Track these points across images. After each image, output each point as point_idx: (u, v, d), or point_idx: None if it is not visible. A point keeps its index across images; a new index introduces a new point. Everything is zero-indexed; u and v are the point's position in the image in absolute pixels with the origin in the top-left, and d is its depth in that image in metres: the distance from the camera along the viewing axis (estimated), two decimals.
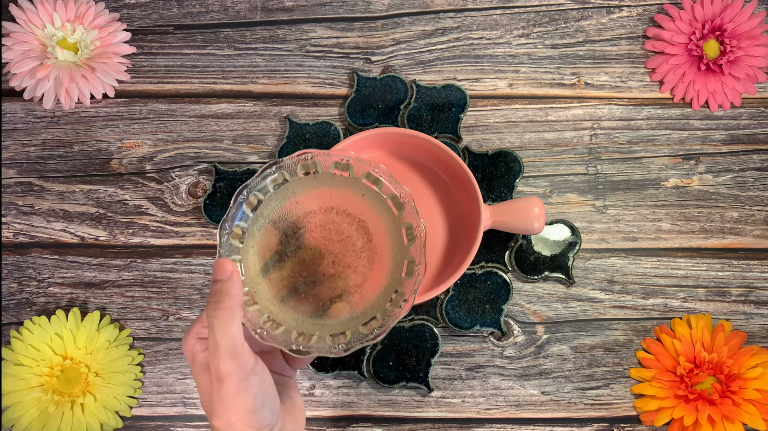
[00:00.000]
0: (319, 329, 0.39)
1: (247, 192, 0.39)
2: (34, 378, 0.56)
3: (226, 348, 0.34)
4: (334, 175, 0.39)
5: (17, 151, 0.60)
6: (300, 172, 0.39)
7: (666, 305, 0.58)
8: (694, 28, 0.60)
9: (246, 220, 0.39)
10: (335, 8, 0.62)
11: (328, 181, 0.40)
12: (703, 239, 0.59)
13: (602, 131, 0.60)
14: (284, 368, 0.42)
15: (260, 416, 0.35)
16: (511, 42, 0.61)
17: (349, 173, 0.39)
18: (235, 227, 0.38)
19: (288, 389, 0.41)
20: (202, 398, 0.37)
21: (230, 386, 0.34)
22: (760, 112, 0.61)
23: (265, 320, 0.38)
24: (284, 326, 0.38)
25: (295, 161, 0.39)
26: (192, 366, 0.37)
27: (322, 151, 0.39)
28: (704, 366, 0.55)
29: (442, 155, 0.54)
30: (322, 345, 0.38)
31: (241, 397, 0.35)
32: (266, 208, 0.39)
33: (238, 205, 0.39)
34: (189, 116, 0.60)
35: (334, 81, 0.61)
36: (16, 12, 0.58)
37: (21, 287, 0.59)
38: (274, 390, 0.37)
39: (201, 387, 0.37)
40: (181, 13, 0.62)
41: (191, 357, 0.37)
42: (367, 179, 0.39)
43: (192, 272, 0.59)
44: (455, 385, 0.57)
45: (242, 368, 0.34)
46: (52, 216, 0.59)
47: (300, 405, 0.41)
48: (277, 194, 0.39)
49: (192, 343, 0.37)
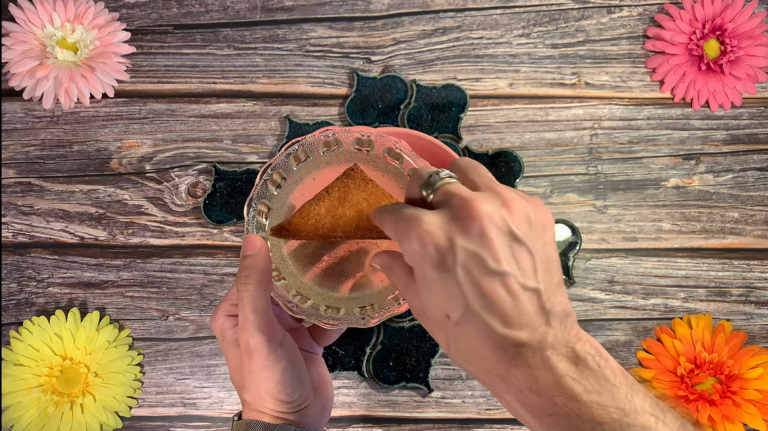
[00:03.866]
0: (345, 303, 0.40)
1: (271, 170, 0.39)
2: (34, 379, 0.55)
3: (255, 321, 0.35)
4: (356, 151, 0.40)
5: (17, 151, 0.60)
6: (321, 149, 0.39)
7: (666, 305, 0.58)
8: (695, 28, 0.60)
9: (271, 198, 0.39)
10: (335, 8, 0.62)
11: (349, 157, 0.40)
12: (704, 239, 0.59)
13: (603, 131, 0.60)
14: (311, 345, 0.43)
15: (289, 389, 0.36)
16: (512, 42, 0.61)
17: (370, 149, 0.39)
18: (260, 205, 0.39)
19: (316, 365, 0.42)
20: (232, 373, 0.38)
21: (259, 359, 0.35)
22: (761, 112, 0.61)
23: (294, 294, 0.39)
24: (312, 300, 0.39)
25: (317, 138, 0.39)
26: (221, 342, 0.38)
27: (343, 128, 0.39)
28: (705, 367, 0.55)
29: (443, 154, 0.54)
30: (351, 317, 0.39)
31: (270, 370, 0.35)
32: (290, 185, 0.40)
33: (264, 183, 0.39)
34: (189, 116, 0.60)
35: (334, 81, 0.61)
36: (15, 12, 0.58)
37: (20, 287, 0.59)
38: (303, 365, 0.37)
39: (231, 362, 0.37)
40: (180, 13, 0.62)
41: (220, 334, 0.38)
42: (388, 155, 0.39)
43: (191, 273, 0.59)
44: (455, 385, 0.57)
45: (271, 341, 0.35)
46: (52, 216, 0.59)
47: (328, 381, 0.42)
48: (299, 171, 0.40)
49: (221, 320, 0.38)
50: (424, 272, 0.29)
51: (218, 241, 0.59)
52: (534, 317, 0.28)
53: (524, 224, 0.29)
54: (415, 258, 0.29)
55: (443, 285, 0.28)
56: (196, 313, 0.58)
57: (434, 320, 0.30)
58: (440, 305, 0.29)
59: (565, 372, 0.27)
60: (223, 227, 0.59)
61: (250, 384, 0.36)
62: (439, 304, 0.29)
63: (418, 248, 0.28)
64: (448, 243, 0.28)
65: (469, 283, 0.28)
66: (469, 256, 0.28)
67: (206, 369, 0.58)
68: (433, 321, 0.30)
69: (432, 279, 0.28)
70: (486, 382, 0.30)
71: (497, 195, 0.29)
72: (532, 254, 0.29)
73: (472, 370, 0.30)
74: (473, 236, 0.28)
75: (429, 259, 0.28)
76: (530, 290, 0.28)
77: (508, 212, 0.29)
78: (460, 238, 0.28)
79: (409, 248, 0.29)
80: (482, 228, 0.28)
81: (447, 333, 0.29)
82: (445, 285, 0.28)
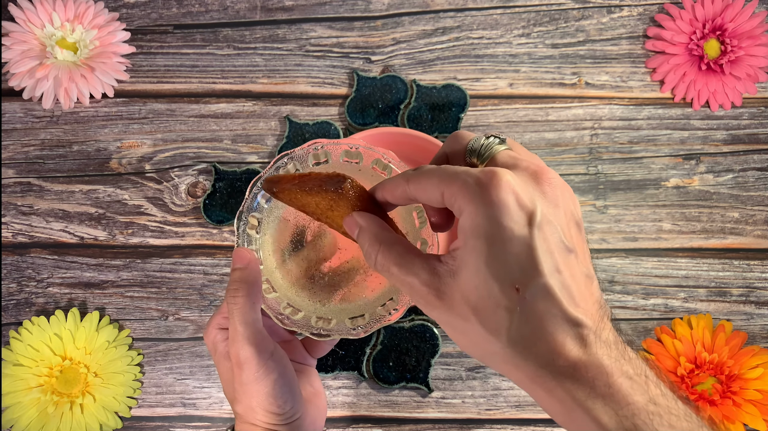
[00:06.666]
0: (337, 314, 0.40)
1: (261, 183, 0.39)
2: (33, 379, 0.55)
3: (245, 334, 0.35)
4: (345, 163, 0.40)
5: (16, 151, 0.60)
6: (311, 162, 0.39)
7: (666, 305, 0.58)
8: (695, 28, 0.60)
9: (261, 211, 0.39)
10: (335, 8, 0.62)
11: (338, 169, 0.40)
12: (704, 239, 0.59)
13: (603, 131, 0.60)
14: (304, 356, 0.43)
15: (280, 401, 0.36)
16: (512, 41, 0.61)
17: (359, 161, 0.40)
18: (250, 218, 0.39)
19: (309, 377, 0.42)
20: (225, 386, 0.38)
21: (250, 371, 0.35)
22: (761, 112, 0.60)
23: (285, 306, 0.39)
24: (303, 312, 0.39)
25: (306, 151, 0.39)
26: (214, 355, 0.38)
27: (332, 140, 0.39)
28: (705, 367, 0.55)
29: None
30: (342, 328, 0.39)
31: (261, 383, 0.35)
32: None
33: (253, 196, 0.39)
34: (188, 116, 0.60)
35: (334, 81, 0.61)
36: (15, 11, 0.58)
37: (20, 287, 0.59)
38: (295, 377, 0.37)
39: (223, 374, 0.38)
40: (180, 13, 0.62)
41: (213, 347, 0.38)
42: (376, 166, 0.39)
43: (191, 273, 0.58)
44: (455, 386, 0.57)
45: (261, 354, 0.35)
46: (52, 216, 0.59)
47: (321, 392, 0.42)
48: None
49: (213, 333, 0.38)
50: (501, 232, 0.25)
51: (218, 241, 0.59)
52: (592, 306, 0.26)
53: (580, 212, 0.28)
54: (491, 213, 0.25)
55: (522, 248, 0.25)
56: (195, 313, 0.58)
57: (491, 299, 0.25)
58: (512, 273, 0.25)
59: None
60: (222, 227, 0.59)
61: (241, 396, 0.36)
62: (512, 272, 0.25)
63: (501, 201, 0.25)
64: (530, 203, 0.25)
65: (545, 252, 0.25)
66: (547, 222, 0.25)
67: (206, 369, 0.58)
68: (488, 300, 0.25)
69: (509, 238, 0.25)
70: (539, 381, 0.26)
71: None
72: (586, 243, 0.27)
73: (528, 364, 0.25)
74: (551, 202, 0.26)
75: (510, 216, 0.25)
76: (589, 276, 0.27)
77: (572, 193, 0.28)
78: (540, 201, 0.26)
79: (483, 204, 0.25)
80: (557, 198, 0.26)
81: (511, 312, 0.25)
82: (524, 247, 0.25)
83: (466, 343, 0.28)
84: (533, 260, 0.25)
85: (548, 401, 0.26)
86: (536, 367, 0.25)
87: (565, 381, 0.25)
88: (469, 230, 0.26)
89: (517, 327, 0.25)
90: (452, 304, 0.27)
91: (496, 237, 0.25)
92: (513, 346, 0.25)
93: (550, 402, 0.26)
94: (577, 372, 0.25)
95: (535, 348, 0.25)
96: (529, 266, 0.25)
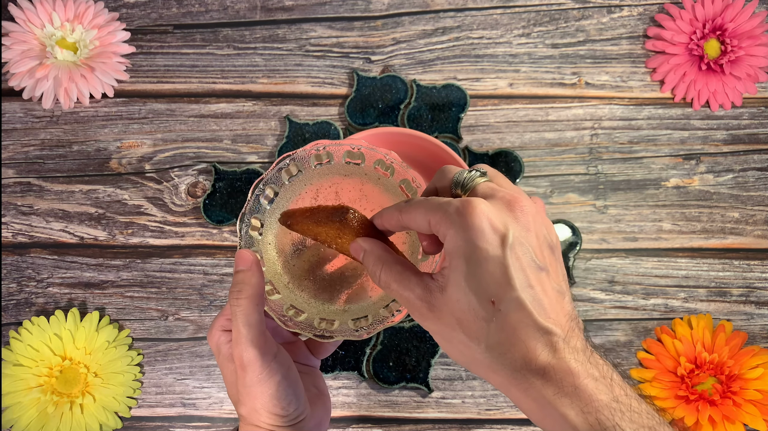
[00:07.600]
0: (340, 315, 0.40)
1: (263, 185, 0.39)
2: (33, 379, 0.55)
3: (248, 336, 0.35)
4: (347, 164, 0.40)
5: (16, 151, 0.60)
6: (313, 163, 0.39)
7: (667, 305, 0.58)
8: (695, 28, 0.60)
9: (263, 213, 0.39)
10: (335, 8, 0.62)
11: (341, 170, 0.40)
12: (704, 239, 0.59)
13: (603, 131, 0.60)
14: (308, 358, 0.43)
15: (284, 403, 0.36)
16: (512, 41, 0.61)
17: (361, 162, 0.40)
18: (252, 220, 0.39)
19: (313, 378, 0.42)
20: (228, 388, 0.38)
21: (253, 373, 0.35)
22: (761, 111, 0.60)
23: (288, 307, 0.39)
24: (306, 313, 0.39)
25: (308, 153, 0.39)
26: (217, 357, 0.38)
27: (334, 141, 0.39)
28: (705, 367, 0.55)
29: (443, 154, 0.54)
30: (345, 329, 0.39)
31: (264, 384, 0.35)
32: (282, 200, 0.40)
33: (255, 198, 0.39)
34: (188, 116, 0.60)
35: (334, 81, 0.61)
36: (15, 11, 0.58)
37: (20, 287, 0.59)
38: (299, 378, 0.37)
39: (226, 377, 0.38)
40: (180, 13, 0.62)
41: (216, 349, 0.38)
42: (378, 167, 0.39)
43: (191, 273, 0.58)
44: (455, 386, 0.57)
45: (264, 355, 0.35)
46: (51, 216, 0.59)
47: (326, 393, 0.42)
48: (292, 186, 0.40)
49: (217, 335, 0.38)
50: (477, 253, 0.29)
51: (218, 241, 0.59)
52: (562, 317, 0.29)
53: (555, 235, 0.32)
54: (468, 237, 0.29)
55: (496, 266, 0.28)
56: (195, 313, 0.58)
57: (471, 311, 0.29)
58: (488, 288, 0.28)
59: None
60: (222, 227, 0.59)
61: (245, 398, 0.36)
62: (488, 287, 0.28)
63: (476, 226, 0.29)
64: (503, 227, 0.29)
65: (518, 269, 0.28)
66: (519, 244, 0.29)
67: (206, 369, 0.58)
68: (468, 312, 0.29)
69: (484, 258, 0.28)
70: (514, 383, 0.29)
71: (533, 202, 0.32)
72: (560, 263, 0.31)
73: (505, 368, 0.29)
74: (522, 227, 0.29)
75: (485, 239, 0.29)
76: (560, 292, 0.30)
77: (545, 219, 0.31)
78: (512, 225, 0.29)
79: (462, 228, 0.29)
80: (529, 223, 0.30)
81: (488, 322, 0.28)
82: (497, 266, 0.28)
83: (452, 350, 0.31)
84: (507, 277, 0.28)
85: (524, 401, 0.29)
86: (511, 371, 0.28)
87: (536, 382, 0.28)
88: (451, 252, 0.30)
89: (493, 335, 0.28)
90: (441, 316, 0.30)
91: (474, 257, 0.29)
92: (490, 352, 0.29)
93: (525, 402, 0.29)
94: (547, 374, 0.28)
95: (509, 353, 0.28)
96: (503, 281, 0.28)
